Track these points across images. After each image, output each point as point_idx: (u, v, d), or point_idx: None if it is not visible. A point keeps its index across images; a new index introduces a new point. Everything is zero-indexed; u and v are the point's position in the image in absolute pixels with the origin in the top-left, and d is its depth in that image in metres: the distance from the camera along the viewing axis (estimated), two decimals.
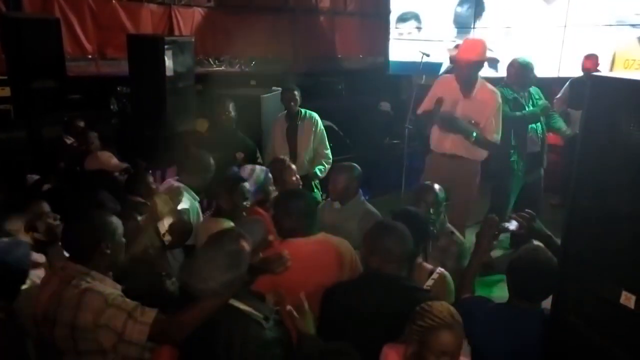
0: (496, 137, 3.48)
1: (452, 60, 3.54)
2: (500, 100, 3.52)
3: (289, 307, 1.83)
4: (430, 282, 2.16)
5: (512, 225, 2.10)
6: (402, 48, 7.27)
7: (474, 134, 3.37)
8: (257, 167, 3.01)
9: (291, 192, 2.58)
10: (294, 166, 3.22)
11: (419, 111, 3.68)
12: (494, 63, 3.54)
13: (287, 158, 3.36)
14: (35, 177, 3.57)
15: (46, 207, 2.33)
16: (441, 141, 3.56)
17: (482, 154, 3.55)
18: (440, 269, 2.22)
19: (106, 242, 1.77)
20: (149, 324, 1.63)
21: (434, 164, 3.66)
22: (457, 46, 3.64)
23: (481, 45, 3.49)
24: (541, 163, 4.19)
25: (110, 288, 1.74)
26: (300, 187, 3.17)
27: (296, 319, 1.82)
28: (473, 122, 3.42)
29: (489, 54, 3.51)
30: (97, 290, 1.69)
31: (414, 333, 1.60)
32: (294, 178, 3.12)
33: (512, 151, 4.00)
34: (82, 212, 1.90)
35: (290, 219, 2.22)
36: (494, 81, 4.17)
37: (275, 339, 1.70)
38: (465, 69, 3.42)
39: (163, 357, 1.73)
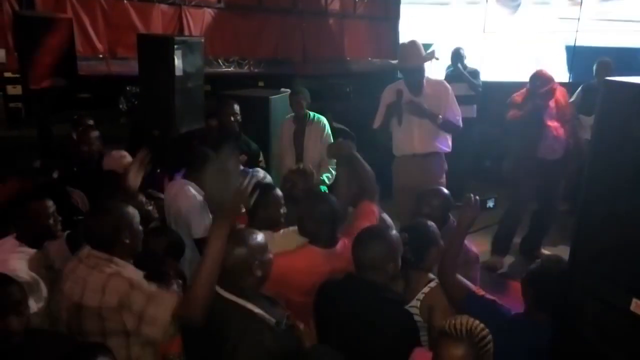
0: (458, 118, 3.62)
1: (400, 68, 3.62)
2: (448, 85, 3.67)
3: (302, 326, 1.83)
4: (426, 290, 2.11)
5: (491, 202, 2.22)
6: None
7: (440, 116, 3.51)
8: (261, 171, 2.97)
9: (318, 195, 2.53)
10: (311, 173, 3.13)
11: (375, 125, 3.72)
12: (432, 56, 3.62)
13: (301, 167, 3.25)
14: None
15: (51, 206, 2.34)
16: (409, 142, 3.61)
17: (448, 144, 3.66)
18: (438, 280, 2.14)
19: (126, 232, 1.86)
20: (171, 307, 1.71)
21: (402, 167, 3.68)
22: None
23: (418, 48, 3.54)
24: (561, 172, 4.24)
25: (133, 273, 1.84)
26: None
27: (307, 337, 1.82)
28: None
29: (427, 55, 3.56)
30: (122, 275, 1.79)
31: (434, 338, 1.58)
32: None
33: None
34: (101, 204, 2.00)
35: (313, 222, 2.21)
36: (517, 86, 4.31)
37: (284, 346, 1.68)
38: (416, 72, 3.52)
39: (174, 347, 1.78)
